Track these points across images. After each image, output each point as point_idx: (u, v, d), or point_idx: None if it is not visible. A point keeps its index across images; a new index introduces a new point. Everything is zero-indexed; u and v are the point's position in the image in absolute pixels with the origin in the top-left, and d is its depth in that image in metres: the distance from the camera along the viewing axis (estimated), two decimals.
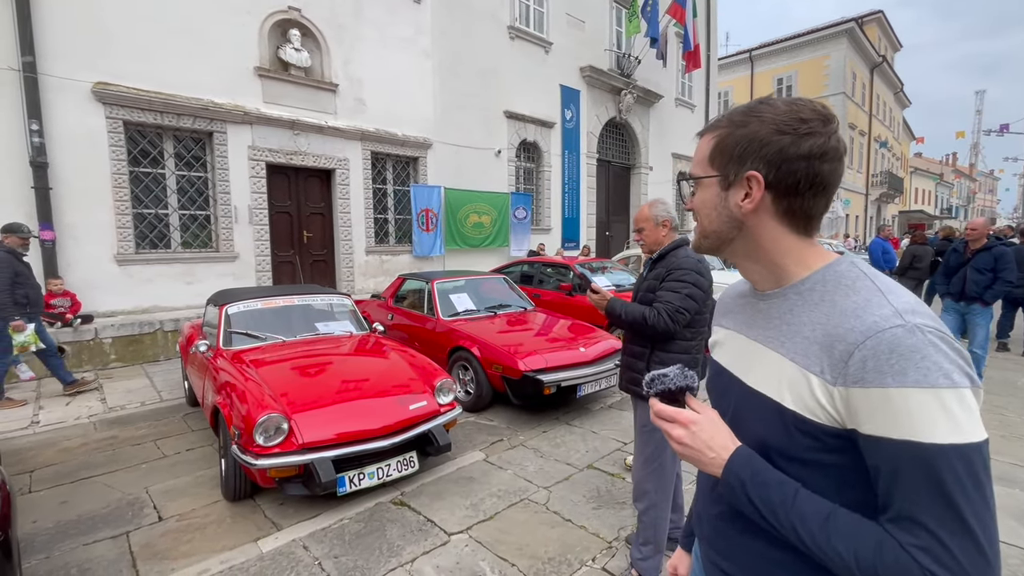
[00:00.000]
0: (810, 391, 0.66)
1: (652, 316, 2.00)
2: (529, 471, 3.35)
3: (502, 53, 10.89)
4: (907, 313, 0.62)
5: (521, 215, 11.17)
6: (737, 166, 0.74)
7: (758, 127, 0.72)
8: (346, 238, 8.70)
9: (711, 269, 3.22)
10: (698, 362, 2.15)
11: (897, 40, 31.30)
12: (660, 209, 2.18)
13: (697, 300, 2.01)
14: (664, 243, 2.17)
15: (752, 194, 0.73)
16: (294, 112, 7.87)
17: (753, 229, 0.75)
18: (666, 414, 0.77)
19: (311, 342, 3.85)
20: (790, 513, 0.66)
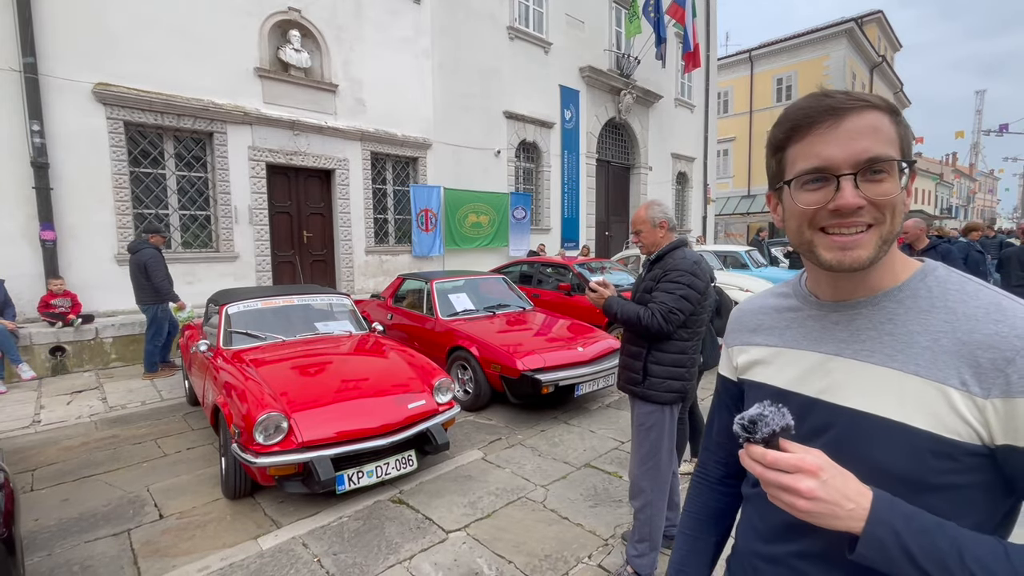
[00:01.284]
0: (949, 407, 0.59)
1: (646, 316, 2.02)
2: (527, 470, 3.37)
3: (501, 53, 10.91)
4: None
5: (520, 215, 11.19)
6: (909, 156, 0.65)
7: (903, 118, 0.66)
8: (346, 238, 8.73)
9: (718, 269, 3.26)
10: (695, 362, 2.17)
11: (897, 40, 31.32)
12: (657, 211, 2.20)
13: (692, 301, 2.03)
14: (662, 244, 2.19)
15: (910, 195, 0.65)
16: (294, 112, 7.89)
17: None
18: (784, 463, 0.59)
19: (311, 341, 3.88)
20: (965, 559, 0.54)
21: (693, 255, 2.10)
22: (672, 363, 2.09)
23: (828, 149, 0.64)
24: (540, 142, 11.93)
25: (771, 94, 25.63)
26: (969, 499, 0.60)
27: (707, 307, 2.16)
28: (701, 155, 17.55)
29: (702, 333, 2.19)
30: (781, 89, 25.40)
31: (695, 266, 2.06)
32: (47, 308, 5.75)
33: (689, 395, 2.16)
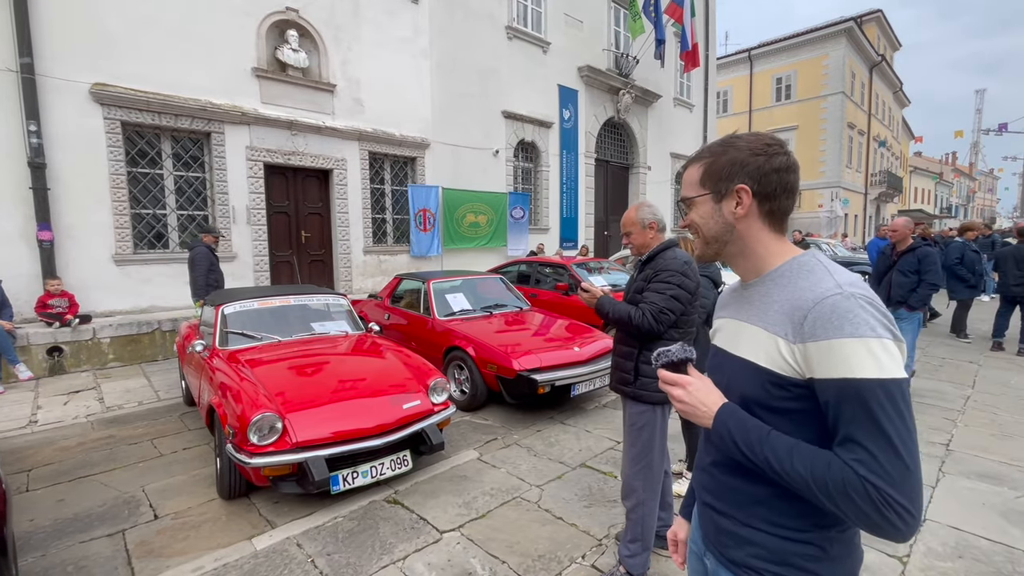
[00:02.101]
0: (778, 351, 0.85)
1: (637, 316, 2.03)
2: (522, 469, 3.37)
3: (500, 53, 10.91)
4: (846, 285, 0.81)
5: (518, 215, 11.19)
6: (727, 183, 0.93)
7: (736, 153, 0.93)
8: (344, 238, 8.73)
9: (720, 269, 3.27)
10: None
11: (896, 39, 31.31)
12: (646, 212, 2.21)
13: (682, 301, 2.04)
14: (652, 245, 2.19)
15: (743, 202, 0.92)
16: (292, 112, 7.89)
17: (743, 231, 0.94)
18: (669, 379, 0.95)
19: (307, 342, 3.88)
20: (764, 448, 0.83)
21: (683, 255, 2.11)
22: None
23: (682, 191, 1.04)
24: (539, 142, 11.93)
25: (771, 94, 25.64)
26: (801, 420, 0.84)
27: (697, 307, 2.17)
28: None
29: (693, 333, 2.19)
30: (781, 89, 25.41)
31: (685, 266, 2.06)
32: (44, 308, 5.75)
33: None
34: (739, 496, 0.95)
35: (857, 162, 26.68)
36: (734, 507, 0.96)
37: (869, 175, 28.00)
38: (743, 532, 0.94)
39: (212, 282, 5.84)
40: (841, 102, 23.64)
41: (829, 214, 23.45)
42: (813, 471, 0.78)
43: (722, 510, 0.98)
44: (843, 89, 23.55)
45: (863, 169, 27.48)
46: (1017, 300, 6.60)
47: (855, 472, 0.74)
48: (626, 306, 2.10)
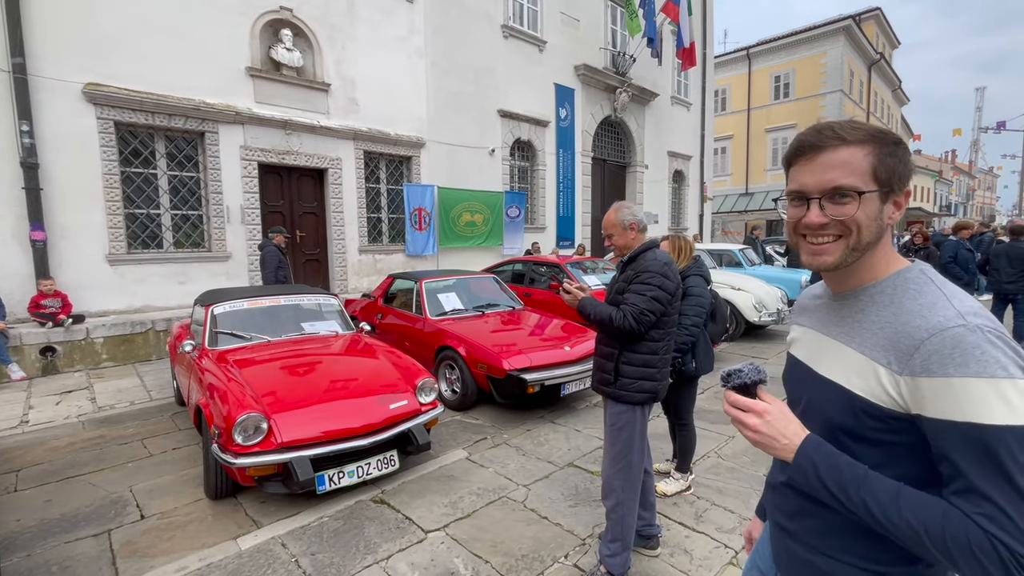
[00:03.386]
0: (877, 379, 0.77)
1: (618, 318, 2.03)
2: (510, 469, 3.38)
3: (496, 52, 10.90)
4: (968, 315, 0.71)
5: (514, 213, 11.20)
6: (901, 183, 0.81)
7: (899, 151, 0.81)
8: (339, 237, 8.73)
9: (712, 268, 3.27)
10: (666, 363, 2.18)
11: (895, 37, 31.26)
12: (626, 213, 2.21)
13: (662, 302, 2.04)
14: (633, 246, 2.20)
15: (902, 208, 0.83)
16: (286, 112, 7.89)
17: (886, 237, 0.84)
18: (741, 404, 0.85)
19: (296, 342, 3.89)
20: (861, 490, 0.75)
21: (664, 256, 2.11)
22: (643, 363, 2.10)
23: (803, 177, 0.84)
24: (535, 140, 11.93)
25: (769, 92, 25.60)
26: (896, 454, 0.77)
27: (677, 307, 2.17)
28: (698, 153, 17.55)
29: (673, 334, 2.20)
30: (779, 87, 25.37)
31: (665, 267, 2.07)
32: (37, 308, 5.76)
33: (660, 395, 2.17)
34: (816, 522, 0.87)
35: None
36: (810, 534, 0.88)
37: None
38: (818, 561, 0.87)
39: (281, 278, 6.47)
40: (840, 100, 23.61)
41: None
42: (927, 523, 0.69)
43: (795, 533, 0.91)
44: (841, 87, 23.52)
45: None
46: (1009, 298, 6.61)
47: (981, 528, 0.66)
48: (607, 307, 2.11)
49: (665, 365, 2.16)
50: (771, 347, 6.91)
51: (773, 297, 7.27)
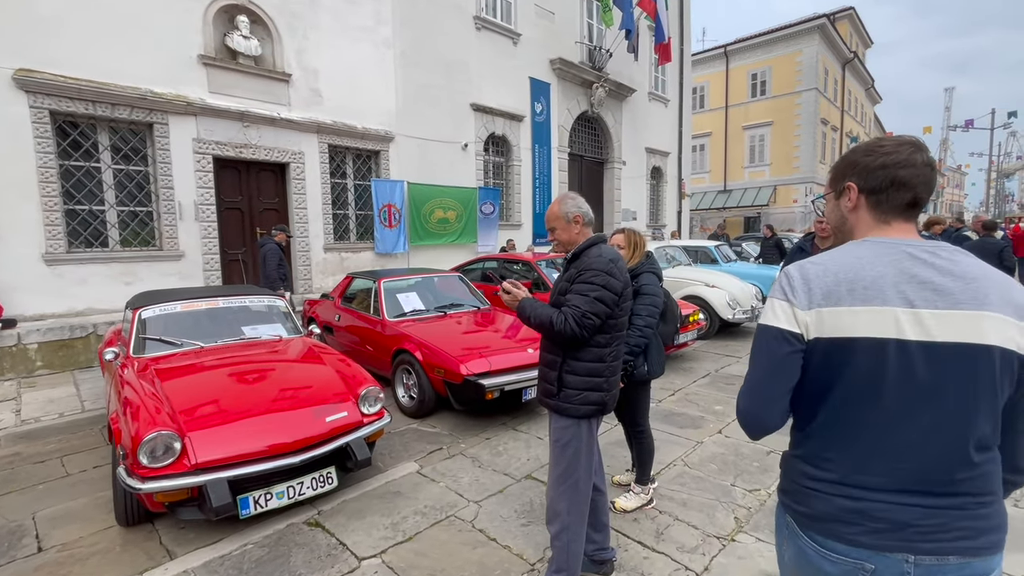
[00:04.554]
0: None
1: (559, 321, 1.80)
2: (462, 483, 3.14)
3: (468, 44, 10.60)
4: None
5: (488, 210, 10.93)
6: (840, 181, 1.05)
7: (851, 155, 1.03)
8: (303, 235, 8.36)
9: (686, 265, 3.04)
10: (615, 370, 1.96)
11: (868, 37, 31.77)
12: (570, 205, 1.98)
13: (607, 303, 1.82)
14: (578, 241, 1.97)
15: (851, 196, 1.02)
16: (243, 103, 7.49)
17: (853, 221, 1.04)
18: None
19: (232, 348, 3.57)
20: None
21: (610, 252, 1.88)
22: (588, 372, 1.87)
23: None
24: (510, 135, 11.67)
25: (746, 89, 25.76)
26: None
27: (628, 308, 1.95)
28: (676, 150, 17.49)
29: (623, 338, 1.97)
30: (756, 84, 25.53)
31: (611, 265, 1.84)
32: None
33: (608, 406, 1.94)
34: None
35: (830, 158, 27.00)
36: None
37: None
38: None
39: (282, 275, 6.61)
40: (814, 98, 23.85)
41: (803, 209, 23.69)
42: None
43: None
44: (816, 85, 23.76)
45: None
46: None
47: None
48: (548, 309, 1.87)
49: (614, 373, 1.94)
50: (745, 345, 6.78)
51: (747, 294, 7.15)
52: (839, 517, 0.91)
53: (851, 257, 0.94)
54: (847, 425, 0.92)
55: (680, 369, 5.61)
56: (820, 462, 0.95)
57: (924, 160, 0.95)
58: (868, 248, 0.95)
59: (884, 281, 0.89)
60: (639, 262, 2.64)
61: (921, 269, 0.89)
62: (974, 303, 0.85)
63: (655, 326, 2.63)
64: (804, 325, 0.93)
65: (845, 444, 0.92)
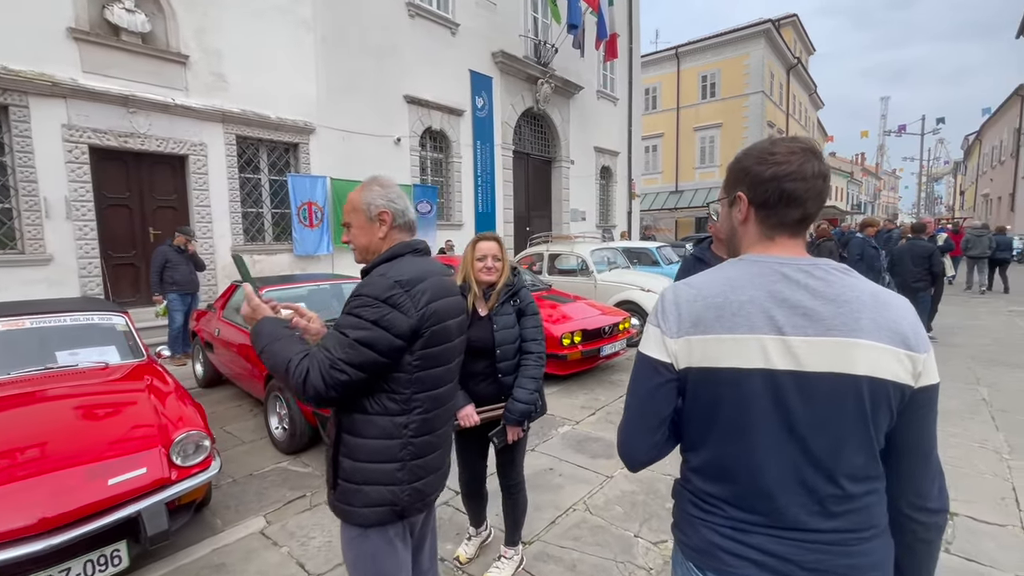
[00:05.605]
0: None
1: (297, 371, 1.18)
2: (311, 548, 2.54)
3: (400, 31, 9.92)
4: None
5: (425, 209, 10.29)
6: (732, 189, 0.97)
7: (744, 159, 0.94)
8: (206, 235, 7.49)
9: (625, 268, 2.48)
10: (423, 451, 1.33)
11: (811, 44, 32.91)
12: (375, 195, 1.36)
13: (381, 350, 1.20)
14: (380, 250, 1.39)
15: (742, 208, 0.94)
16: (128, 86, 6.57)
17: (741, 234, 0.96)
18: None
19: (25, 382, 2.83)
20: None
21: (409, 271, 1.29)
22: (372, 455, 1.27)
23: None
24: (449, 131, 11.06)
25: (697, 91, 26.07)
26: None
27: (446, 356, 1.36)
28: (626, 149, 17.32)
29: (443, 403, 1.39)
30: (706, 86, 25.88)
31: (396, 292, 1.23)
32: None
33: (411, 510, 1.34)
34: None
35: None
36: None
37: None
38: None
39: (168, 281, 5.94)
40: (761, 101, 24.37)
41: None
42: None
43: None
44: (763, 89, 24.28)
45: None
46: (920, 295, 6.49)
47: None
48: (291, 348, 1.24)
49: (419, 455, 1.32)
50: None
51: None
52: (723, 547, 0.87)
53: (723, 278, 0.89)
54: (722, 458, 0.88)
55: (607, 382, 5.18)
56: (703, 495, 0.92)
57: (816, 171, 0.87)
58: (743, 268, 0.89)
59: (753, 306, 0.84)
60: (514, 276, 2.14)
61: (793, 291, 0.84)
62: (844, 329, 0.80)
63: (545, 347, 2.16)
64: (673, 354, 0.89)
65: (723, 478, 0.89)
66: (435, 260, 1.48)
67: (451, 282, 1.44)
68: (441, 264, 1.48)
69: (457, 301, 1.43)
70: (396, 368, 1.26)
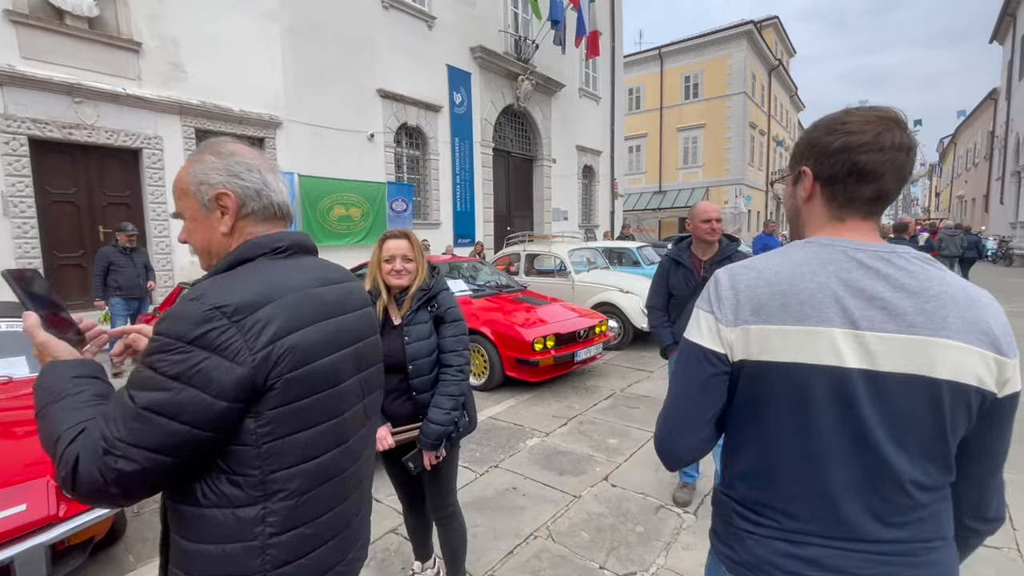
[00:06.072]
0: None
1: (65, 454, 0.74)
2: None
3: (374, 23, 9.58)
4: None
5: (400, 207, 9.95)
6: (797, 164, 0.86)
7: (812, 131, 0.84)
8: (161, 234, 7.07)
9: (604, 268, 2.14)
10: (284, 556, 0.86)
11: (792, 46, 33.23)
12: (209, 167, 0.90)
13: (191, 420, 0.75)
14: (224, 251, 0.92)
15: (806, 185, 0.84)
16: (73, 74, 6.15)
17: (806, 215, 0.86)
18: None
19: None
20: None
21: (245, 289, 0.82)
22: (207, 561, 0.84)
23: None
24: (426, 127, 10.74)
25: (680, 91, 26.09)
26: None
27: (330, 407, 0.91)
28: (608, 148, 17.16)
29: (331, 475, 0.92)
30: (689, 87, 25.92)
31: (217, 324, 0.77)
32: None
33: None
34: None
35: (759, 161, 27.91)
36: None
37: (769, 173, 29.44)
38: None
39: (117, 285, 5.53)
40: (743, 102, 24.47)
41: (734, 210, 24.22)
42: None
43: None
44: (745, 90, 24.38)
45: (764, 168, 28.83)
46: None
47: None
48: (81, 412, 0.79)
49: (299, 555, 0.88)
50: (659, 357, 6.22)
51: None
52: (775, 563, 0.80)
53: (790, 263, 0.79)
54: (777, 463, 0.79)
55: (582, 388, 4.92)
56: (751, 503, 0.83)
57: (896, 142, 0.75)
58: (812, 252, 0.79)
59: (823, 295, 0.75)
60: (431, 279, 1.84)
61: (871, 281, 0.75)
62: (929, 327, 0.71)
63: (469, 359, 1.87)
64: (728, 344, 0.80)
65: (777, 484, 0.80)
66: (315, 263, 0.99)
67: (337, 296, 0.97)
68: (324, 270, 0.99)
69: (348, 324, 0.97)
70: (232, 440, 0.82)
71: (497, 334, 4.76)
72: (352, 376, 0.99)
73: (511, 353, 4.67)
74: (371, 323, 1.08)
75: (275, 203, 0.96)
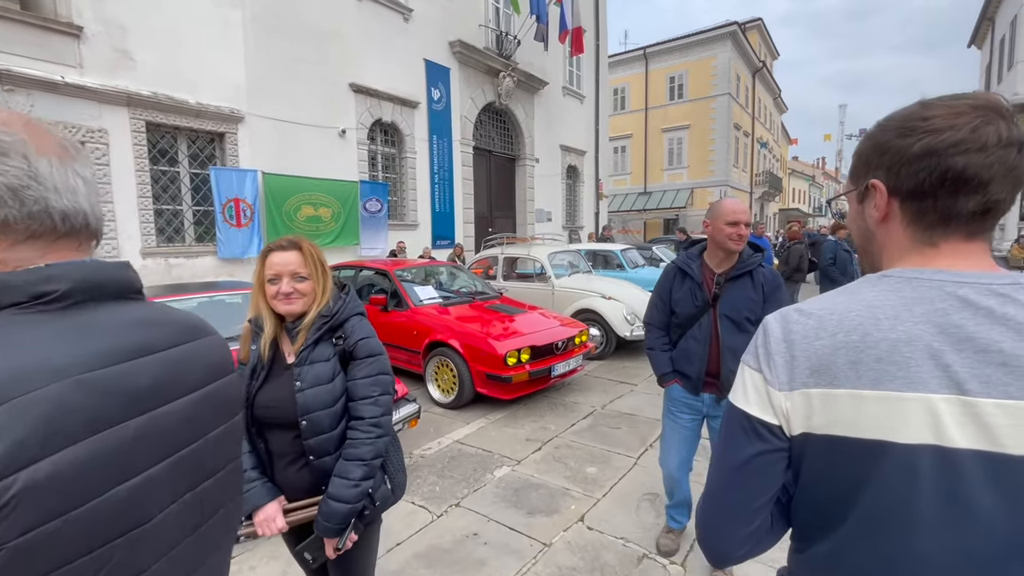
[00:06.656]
0: None
1: None
2: None
3: (346, 14, 9.09)
4: None
5: (374, 208, 9.47)
6: (863, 176, 0.69)
7: (879, 133, 0.67)
8: (109, 236, 6.50)
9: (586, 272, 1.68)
10: None
11: (775, 49, 33.37)
12: None
13: None
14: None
15: (878, 203, 0.67)
16: (2, 59, 5.57)
17: (882, 239, 0.68)
18: None
19: None
20: None
21: None
22: None
23: None
24: (402, 124, 10.27)
25: (665, 92, 25.95)
26: None
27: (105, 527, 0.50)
28: (593, 148, 16.84)
29: None
30: (674, 88, 25.78)
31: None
32: None
33: None
34: None
35: (743, 162, 27.90)
36: None
37: (754, 175, 29.47)
38: None
39: None
40: (728, 103, 24.39)
41: None
42: None
43: None
44: (730, 91, 24.31)
45: (748, 169, 28.84)
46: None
47: None
48: None
49: None
50: (644, 367, 5.86)
51: None
52: None
53: (860, 305, 0.61)
54: (865, 557, 0.61)
55: (560, 405, 4.52)
56: None
57: (1003, 136, 0.57)
58: (892, 290, 0.61)
59: (913, 348, 0.56)
60: (337, 300, 1.42)
61: (981, 326, 0.55)
62: None
63: (391, 408, 1.43)
64: (783, 413, 0.63)
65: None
66: (123, 319, 0.59)
67: (157, 373, 0.59)
68: (138, 329, 0.60)
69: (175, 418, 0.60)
70: None
71: (467, 346, 4.33)
72: (176, 499, 0.61)
73: (482, 368, 4.25)
74: (224, 402, 0.70)
75: (55, 211, 0.56)
